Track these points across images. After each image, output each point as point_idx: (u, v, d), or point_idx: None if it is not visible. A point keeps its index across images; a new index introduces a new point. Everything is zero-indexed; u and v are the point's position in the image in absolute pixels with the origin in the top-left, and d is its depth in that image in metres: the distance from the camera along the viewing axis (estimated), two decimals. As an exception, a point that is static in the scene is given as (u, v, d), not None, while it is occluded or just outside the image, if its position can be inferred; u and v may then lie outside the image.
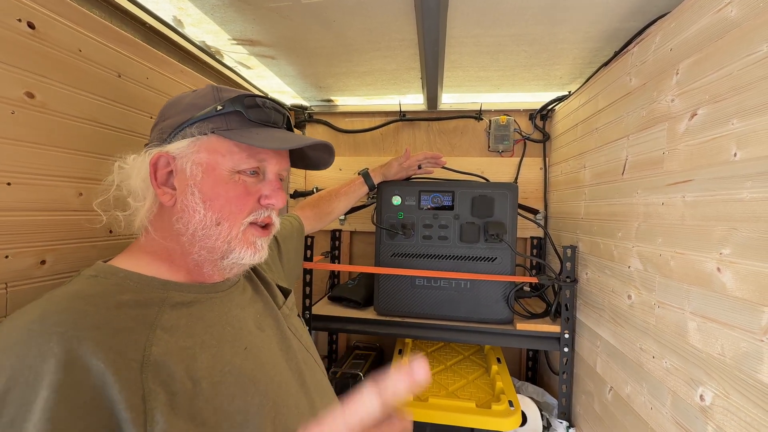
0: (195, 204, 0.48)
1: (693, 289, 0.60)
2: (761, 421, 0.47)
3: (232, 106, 0.50)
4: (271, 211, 0.53)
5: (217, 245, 0.49)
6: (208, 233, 0.48)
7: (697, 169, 0.60)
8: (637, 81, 0.79)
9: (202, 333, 0.46)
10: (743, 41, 0.52)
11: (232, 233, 0.49)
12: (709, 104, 0.58)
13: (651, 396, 0.69)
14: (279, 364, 0.53)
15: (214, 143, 0.49)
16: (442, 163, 1.13)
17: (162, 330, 0.43)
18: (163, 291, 0.47)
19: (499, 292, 1.07)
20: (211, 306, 0.50)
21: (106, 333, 0.38)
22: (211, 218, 0.48)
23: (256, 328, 0.54)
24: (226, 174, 0.49)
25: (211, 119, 0.49)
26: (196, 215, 0.48)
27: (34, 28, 0.53)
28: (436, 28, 0.78)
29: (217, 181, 0.49)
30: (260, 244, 0.52)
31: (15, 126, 0.51)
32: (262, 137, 0.50)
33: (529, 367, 1.40)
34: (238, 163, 0.49)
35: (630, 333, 0.77)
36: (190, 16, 0.82)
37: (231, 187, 0.49)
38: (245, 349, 0.50)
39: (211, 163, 0.48)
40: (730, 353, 0.52)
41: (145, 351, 0.40)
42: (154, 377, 0.39)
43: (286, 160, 0.56)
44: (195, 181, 0.48)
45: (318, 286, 1.42)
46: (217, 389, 0.43)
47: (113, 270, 0.46)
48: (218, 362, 0.45)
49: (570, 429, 1.00)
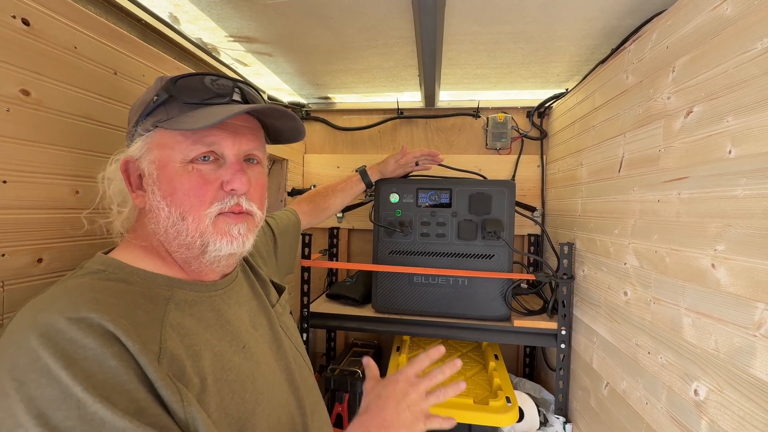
0: (158, 202, 0.47)
1: (688, 286, 0.60)
2: (754, 415, 0.47)
3: (165, 93, 0.47)
4: (239, 197, 0.49)
5: (191, 240, 0.47)
6: (178, 230, 0.47)
7: (693, 167, 0.60)
8: (634, 78, 0.79)
9: (203, 332, 0.47)
10: (738, 39, 0.52)
11: (201, 226, 0.47)
12: (704, 102, 0.58)
13: (646, 391, 0.70)
14: (271, 363, 0.54)
15: (160, 137, 0.47)
16: (440, 160, 1.13)
17: (170, 327, 0.43)
18: (169, 289, 0.47)
19: (496, 289, 1.07)
20: (211, 305, 0.50)
21: (131, 323, 0.39)
22: (176, 214, 0.47)
23: (251, 327, 0.54)
24: (179, 166, 0.47)
25: (153, 113, 0.48)
26: (161, 213, 0.47)
27: (29, 24, 0.52)
28: (433, 25, 0.78)
29: (171, 176, 0.47)
30: (236, 231, 0.49)
31: (10, 124, 0.51)
32: (195, 118, 0.46)
33: (527, 363, 1.41)
34: (186, 153, 0.47)
35: (626, 329, 0.78)
36: (186, 12, 0.81)
37: (186, 178, 0.47)
38: (243, 348, 0.50)
39: (162, 158, 0.47)
40: (724, 348, 0.53)
41: (161, 343, 0.41)
42: (169, 369, 0.40)
43: (250, 139, 0.51)
44: (153, 180, 0.47)
45: (316, 283, 1.42)
46: (219, 386, 0.44)
47: (120, 264, 0.46)
48: (220, 360, 0.46)
49: (567, 424, 1.01)
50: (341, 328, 1.19)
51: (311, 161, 1.52)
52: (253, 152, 0.52)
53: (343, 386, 1.12)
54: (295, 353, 0.60)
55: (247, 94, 0.51)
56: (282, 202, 1.40)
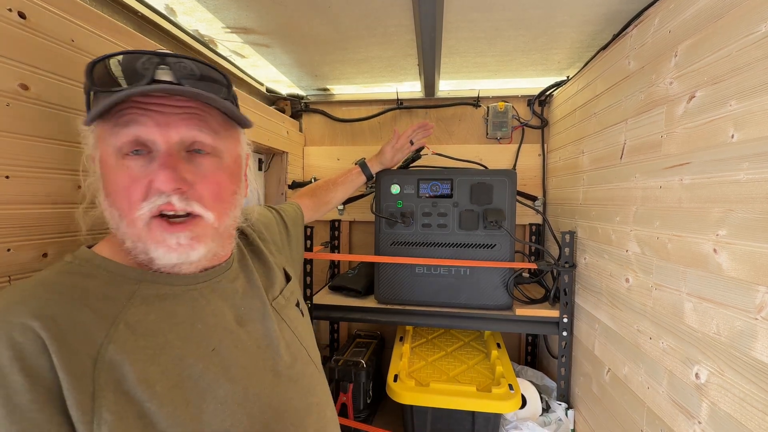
0: (103, 200, 0.45)
1: (689, 271, 0.61)
2: (754, 396, 0.48)
3: (87, 80, 0.43)
4: (169, 196, 0.42)
5: (133, 245, 0.44)
6: (122, 232, 0.43)
7: (695, 152, 0.60)
8: (636, 64, 0.78)
9: (167, 331, 0.43)
10: (742, 21, 0.52)
11: (136, 230, 0.43)
12: (707, 86, 0.58)
13: (648, 376, 0.71)
14: (250, 365, 0.49)
15: (99, 131, 0.44)
16: (431, 128, 1.11)
17: (125, 325, 0.41)
18: (136, 282, 0.44)
19: (498, 279, 1.08)
20: (185, 300, 0.47)
21: (63, 325, 0.37)
22: (116, 215, 0.43)
23: (234, 323, 0.50)
24: (113, 161, 0.42)
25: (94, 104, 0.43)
26: (107, 213, 0.45)
27: (26, 18, 0.52)
28: (432, 13, 0.77)
29: (108, 173, 0.43)
30: (174, 241, 0.43)
31: (10, 118, 0.50)
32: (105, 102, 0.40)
33: (529, 351, 1.42)
34: (114, 144, 0.42)
35: (627, 315, 0.79)
36: (182, 3, 0.80)
37: (118, 175, 0.42)
38: (212, 351, 0.46)
39: (102, 154, 0.44)
40: (725, 332, 0.53)
41: (101, 348, 0.38)
42: (107, 375, 0.37)
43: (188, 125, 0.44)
44: (98, 177, 0.45)
45: (318, 276, 1.43)
46: (172, 394, 0.40)
47: (89, 256, 0.45)
48: (177, 366, 0.42)
49: (569, 410, 1.02)
50: (344, 319, 1.20)
51: (311, 153, 1.52)
52: (198, 139, 0.45)
53: (347, 377, 1.14)
54: (297, 349, 0.56)
55: (182, 69, 0.43)
56: (283, 195, 1.40)
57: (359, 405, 1.14)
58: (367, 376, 1.15)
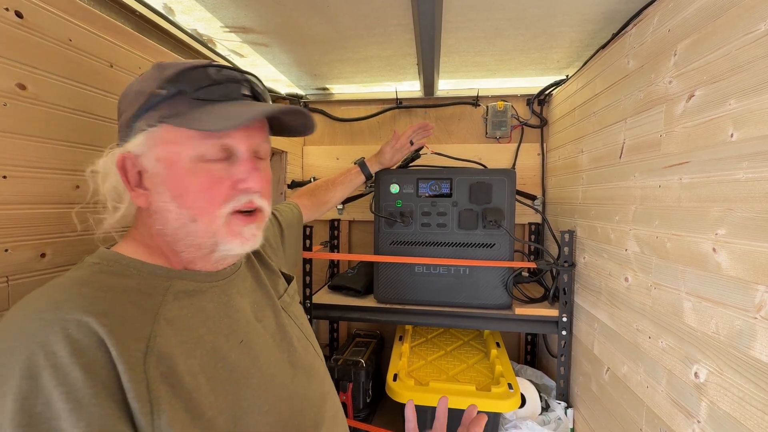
0: (167, 203, 0.45)
1: (689, 270, 0.61)
2: (753, 395, 0.48)
3: (174, 86, 0.44)
4: (252, 195, 0.48)
5: (202, 241, 0.47)
6: (188, 231, 0.46)
7: (694, 151, 0.60)
8: (635, 63, 0.78)
9: (200, 326, 0.46)
10: (741, 20, 0.52)
11: (213, 227, 0.46)
12: (706, 85, 0.58)
13: (647, 375, 0.71)
14: (273, 356, 0.52)
15: (166, 133, 0.44)
16: (431, 128, 1.11)
17: (165, 321, 0.42)
18: (167, 279, 0.46)
19: (497, 278, 1.08)
20: (212, 296, 0.49)
21: (114, 321, 0.38)
22: (186, 215, 0.45)
23: (253, 318, 0.53)
24: (189, 164, 0.44)
25: (157, 107, 0.44)
26: (170, 215, 0.45)
27: (22, 17, 0.52)
28: (431, 12, 0.77)
29: (181, 175, 0.44)
30: (248, 233, 0.48)
31: (8, 118, 0.50)
32: (213, 118, 0.44)
33: (528, 350, 1.42)
34: (199, 150, 0.44)
35: (627, 315, 0.79)
36: (180, 3, 0.80)
37: (197, 178, 0.45)
38: (241, 343, 0.49)
39: (170, 156, 0.44)
40: (724, 331, 0.53)
41: (149, 342, 0.40)
42: (156, 369, 0.39)
43: (259, 132, 0.50)
44: (161, 179, 0.45)
45: (317, 275, 1.43)
46: (212, 384, 0.43)
47: (116, 257, 0.45)
48: (212, 358, 0.45)
49: (568, 409, 1.02)
50: (344, 318, 1.20)
51: (310, 153, 1.51)
52: (262, 146, 0.51)
53: (347, 376, 1.14)
54: (305, 344, 0.59)
55: (255, 86, 0.50)
56: (282, 194, 1.40)
57: (359, 404, 1.14)
58: (366, 375, 1.15)
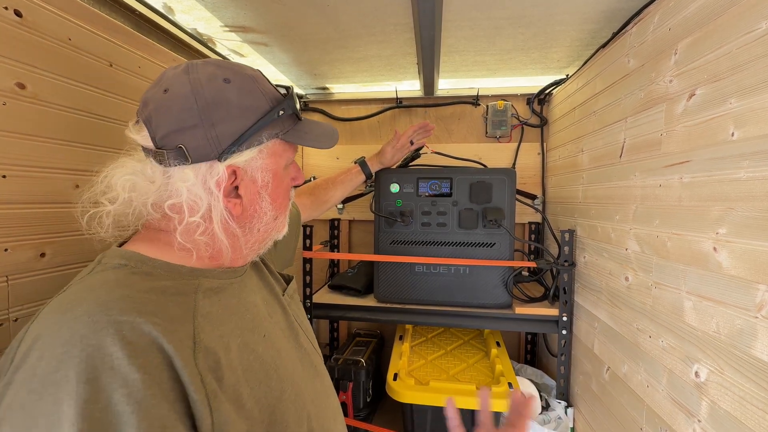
0: (266, 208, 0.51)
1: (689, 269, 0.60)
2: (754, 395, 0.48)
3: (290, 108, 0.50)
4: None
5: (271, 234, 0.53)
6: (267, 227, 0.52)
7: (695, 150, 0.60)
8: (636, 62, 0.78)
9: (228, 321, 0.47)
10: (742, 19, 0.51)
11: (280, 221, 0.54)
12: (707, 84, 0.58)
13: (647, 374, 0.71)
14: (290, 350, 0.54)
15: (276, 147, 0.50)
16: (431, 128, 1.11)
17: (202, 317, 0.43)
18: (194, 278, 0.46)
19: (497, 277, 1.08)
20: (233, 292, 0.50)
21: (164, 320, 0.38)
22: (271, 215, 0.52)
23: (267, 315, 0.55)
24: (283, 172, 0.52)
25: (273, 123, 0.49)
26: (264, 217, 0.51)
27: (21, 16, 0.52)
28: (431, 11, 0.77)
29: (279, 182, 0.51)
30: (285, 222, 0.56)
31: (7, 117, 0.50)
32: (312, 136, 0.53)
33: (528, 350, 1.42)
34: (288, 159, 0.53)
35: (627, 314, 0.79)
36: (180, 2, 0.80)
37: (284, 181, 0.53)
38: (264, 337, 0.50)
39: (274, 167, 0.50)
40: (725, 330, 0.53)
41: (195, 338, 0.40)
42: (204, 364, 0.39)
43: None
44: (266, 188, 0.50)
45: (318, 275, 1.43)
46: (248, 376, 0.44)
47: (142, 258, 0.44)
48: (245, 351, 0.46)
49: (568, 409, 1.02)
50: (344, 318, 1.20)
51: (310, 152, 1.51)
52: None
53: (347, 375, 1.14)
54: (307, 340, 0.61)
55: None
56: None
57: (359, 404, 1.14)
58: (366, 374, 1.15)
